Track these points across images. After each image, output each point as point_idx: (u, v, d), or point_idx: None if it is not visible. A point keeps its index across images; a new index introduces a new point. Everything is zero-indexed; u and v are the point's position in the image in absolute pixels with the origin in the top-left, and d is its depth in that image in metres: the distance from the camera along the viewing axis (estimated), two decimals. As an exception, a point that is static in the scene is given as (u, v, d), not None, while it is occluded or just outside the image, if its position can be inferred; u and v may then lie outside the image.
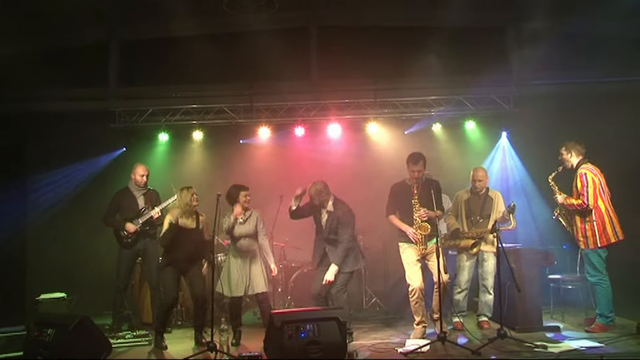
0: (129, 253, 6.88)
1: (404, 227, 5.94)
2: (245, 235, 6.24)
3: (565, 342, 5.39)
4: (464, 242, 6.53)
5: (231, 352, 5.40)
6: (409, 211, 5.93)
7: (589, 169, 6.07)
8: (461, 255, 6.60)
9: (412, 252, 5.95)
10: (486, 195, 6.68)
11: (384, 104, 8.62)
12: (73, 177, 8.47)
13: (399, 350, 5.33)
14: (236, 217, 6.14)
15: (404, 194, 6.00)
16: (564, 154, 6.24)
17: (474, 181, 6.64)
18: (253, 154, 8.97)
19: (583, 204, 5.94)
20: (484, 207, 6.63)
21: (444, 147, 8.82)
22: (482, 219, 6.60)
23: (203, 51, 8.04)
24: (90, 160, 8.55)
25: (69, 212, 8.28)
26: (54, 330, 5.10)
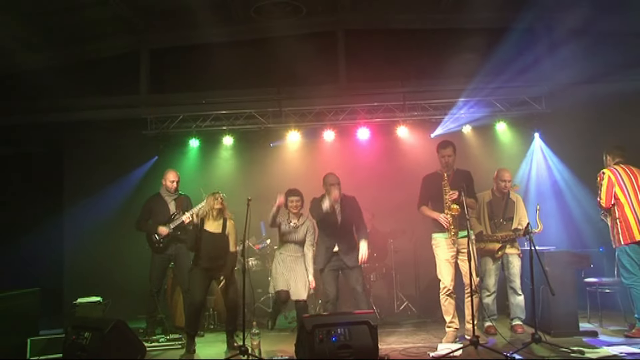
0: (161, 258, 6.98)
1: (435, 215, 5.92)
2: (293, 241, 6.32)
3: (603, 347, 5.26)
4: (490, 245, 6.45)
5: (262, 356, 5.42)
6: (440, 200, 5.90)
7: (610, 168, 6.08)
8: (486, 258, 6.52)
9: (445, 247, 5.91)
10: (508, 198, 6.63)
11: (413, 106, 8.58)
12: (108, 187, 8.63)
13: (431, 355, 5.29)
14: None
15: (435, 183, 5.99)
16: (604, 157, 6.30)
17: (501, 181, 6.58)
18: (283, 158, 9.00)
19: (598, 204, 6.04)
20: (506, 210, 6.58)
21: (475, 149, 8.71)
22: (505, 222, 6.55)
23: (231, 57, 8.13)
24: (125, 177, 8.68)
25: (103, 218, 8.42)
26: (90, 334, 5.21)
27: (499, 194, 6.64)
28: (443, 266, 5.93)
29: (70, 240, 8.66)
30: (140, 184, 8.63)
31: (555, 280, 5.83)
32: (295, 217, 6.35)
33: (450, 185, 5.87)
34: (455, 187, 5.80)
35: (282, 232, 6.34)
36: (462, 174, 6.04)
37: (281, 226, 6.35)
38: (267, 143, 9.01)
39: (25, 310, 6.10)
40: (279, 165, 8.92)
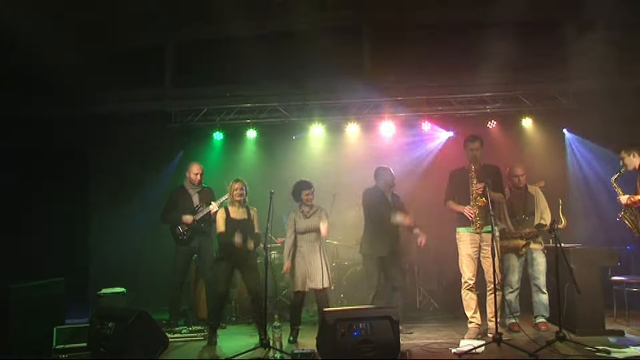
0: (185, 250, 7.04)
1: (460, 208, 5.92)
2: (309, 230, 6.33)
3: (630, 347, 5.15)
4: (513, 242, 6.37)
5: (284, 350, 5.44)
6: (466, 195, 5.88)
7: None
8: (509, 254, 6.44)
9: (469, 242, 5.89)
10: (526, 192, 6.55)
11: (438, 101, 8.50)
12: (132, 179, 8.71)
13: (453, 351, 5.25)
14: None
15: (462, 178, 5.98)
16: (625, 156, 6.10)
17: (514, 177, 6.54)
18: (306, 152, 9.00)
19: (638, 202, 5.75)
20: (526, 205, 6.50)
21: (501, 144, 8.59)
22: (527, 217, 6.47)
23: (256, 51, 8.11)
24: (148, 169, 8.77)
25: (127, 211, 8.52)
26: (114, 324, 5.28)
27: (515, 189, 6.56)
28: (465, 260, 5.91)
29: (96, 233, 8.79)
30: (165, 176, 8.72)
31: (581, 278, 5.75)
32: (308, 207, 6.38)
33: (477, 179, 5.83)
34: (481, 181, 5.76)
35: (298, 224, 6.37)
36: (489, 169, 6.02)
37: (296, 223, 6.37)
38: (291, 136, 9.02)
39: (51, 300, 6.20)
40: (302, 158, 8.92)
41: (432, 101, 8.46)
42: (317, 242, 6.37)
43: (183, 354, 5.74)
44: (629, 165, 6.09)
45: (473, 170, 5.89)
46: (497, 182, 5.99)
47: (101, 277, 7.78)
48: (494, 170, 6.06)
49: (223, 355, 5.43)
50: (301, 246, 6.37)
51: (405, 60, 8.32)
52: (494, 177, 5.92)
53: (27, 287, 5.93)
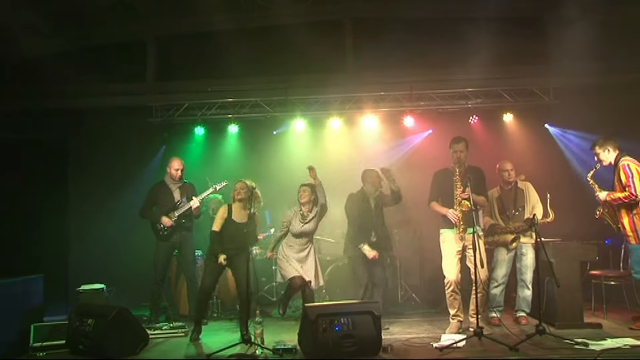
0: (165, 246, 6.98)
1: (444, 210, 5.90)
2: (303, 234, 6.40)
3: (608, 340, 5.22)
4: (502, 237, 6.41)
5: (265, 345, 5.42)
6: (450, 197, 5.87)
7: (630, 160, 5.87)
8: (498, 250, 6.48)
9: (452, 243, 5.89)
10: (516, 188, 6.59)
11: (420, 96, 8.52)
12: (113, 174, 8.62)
13: (435, 345, 5.27)
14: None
15: (446, 180, 5.96)
16: (600, 152, 6.03)
17: (503, 171, 6.57)
18: (289, 147, 8.97)
19: (631, 196, 5.71)
20: (516, 200, 6.54)
21: (482, 140, 8.64)
22: (516, 212, 6.51)
23: (238, 45, 8.08)
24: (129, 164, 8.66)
25: (109, 205, 8.43)
26: (94, 321, 5.25)
27: (506, 185, 6.61)
28: (449, 262, 5.91)
29: (75, 228, 8.67)
30: (146, 171, 8.63)
31: (561, 272, 5.81)
32: (307, 208, 6.41)
33: (461, 181, 5.83)
34: (465, 183, 5.75)
35: (293, 227, 6.38)
36: (473, 171, 5.96)
37: (292, 223, 6.38)
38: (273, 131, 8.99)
39: (29, 297, 6.11)
40: (284, 154, 8.88)
41: (414, 96, 8.47)
42: (308, 245, 6.48)
43: (164, 351, 5.69)
44: (604, 161, 6.02)
45: (457, 173, 5.87)
46: (481, 185, 5.97)
47: (81, 273, 7.67)
48: (478, 173, 6.02)
49: (205, 351, 5.40)
50: (291, 245, 6.41)
51: (387, 56, 8.32)
52: (477, 180, 5.89)
53: (4, 284, 5.83)
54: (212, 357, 5.17)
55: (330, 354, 4.81)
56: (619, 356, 4.83)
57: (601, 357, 4.75)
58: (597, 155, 6.08)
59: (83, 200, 8.62)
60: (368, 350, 4.96)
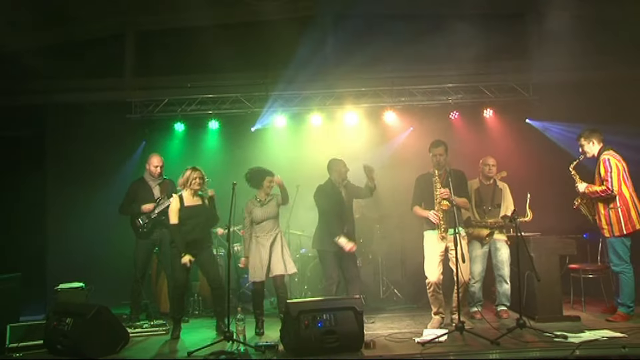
0: (145, 243, 6.91)
1: (426, 213, 5.93)
2: (266, 218, 6.27)
3: (586, 332, 5.29)
4: (477, 231, 6.45)
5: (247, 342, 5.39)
6: (432, 200, 5.92)
7: (612, 154, 5.96)
8: (473, 245, 6.50)
9: (435, 244, 5.91)
10: (495, 185, 6.66)
11: (401, 92, 8.53)
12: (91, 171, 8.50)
13: (417, 340, 5.28)
14: None
15: (427, 183, 6.01)
16: (585, 144, 6.11)
17: (484, 165, 6.62)
18: (270, 143, 8.92)
19: (607, 190, 5.82)
20: (494, 197, 6.61)
21: (463, 135, 8.69)
22: (492, 209, 6.57)
23: (218, 40, 8.00)
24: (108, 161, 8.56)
25: (88, 203, 8.32)
26: (72, 320, 5.18)
27: (486, 180, 6.66)
28: (431, 262, 5.93)
29: (53, 225, 8.55)
30: (126, 168, 8.54)
31: (541, 266, 5.88)
32: (263, 195, 6.33)
33: (441, 183, 5.87)
34: (445, 185, 5.81)
35: (254, 214, 6.30)
36: (455, 174, 5.99)
37: (253, 211, 6.32)
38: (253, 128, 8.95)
39: (5, 296, 6.01)
40: (265, 149, 8.83)
41: (395, 92, 8.49)
42: (274, 231, 6.34)
43: (145, 349, 5.63)
44: (588, 153, 6.11)
45: (437, 175, 5.92)
46: (462, 187, 6.01)
47: (59, 272, 7.57)
48: (459, 175, 6.06)
49: (186, 349, 5.35)
50: (258, 236, 6.31)
51: (368, 51, 8.31)
52: (458, 182, 5.93)
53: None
54: (194, 354, 5.13)
55: (313, 351, 4.81)
56: (597, 347, 4.90)
57: (580, 349, 4.82)
58: (582, 147, 6.15)
59: (61, 197, 8.51)
60: (351, 346, 4.96)
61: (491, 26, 8.05)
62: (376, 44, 8.34)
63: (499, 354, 4.90)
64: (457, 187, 5.80)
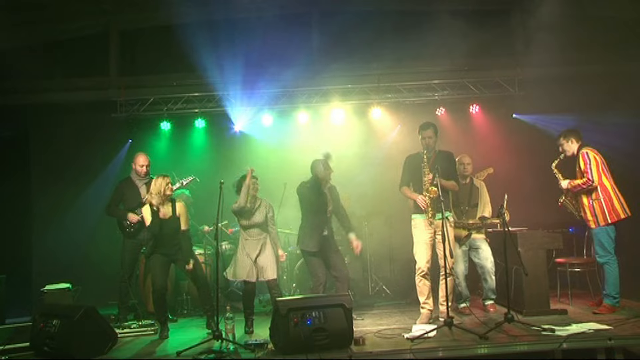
0: (132, 243, 6.86)
1: (414, 196, 5.91)
2: (253, 225, 6.23)
3: (572, 325, 5.34)
4: (456, 231, 6.36)
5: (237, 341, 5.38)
6: (421, 181, 5.90)
7: (590, 149, 6.13)
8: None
9: (423, 228, 5.91)
10: (472, 184, 6.69)
11: (387, 88, 8.55)
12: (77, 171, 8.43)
13: (406, 336, 5.29)
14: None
15: (417, 164, 5.97)
16: (564, 143, 6.27)
17: (459, 164, 6.61)
18: (256, 141, 8.90)
19: (588, 181, 5.96)
20: (471, 196, 6.64)
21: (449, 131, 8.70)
22: (469, 208, 6.59)
23: (203, 38, 7.96)
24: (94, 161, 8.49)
25: (73, 203, 8.26)
26: (59, 321, 5.12)
27: (462, 179, 6.64)
28: (419, 247, 5.93)
29: (38, 226, 8.47)
30: (112, 167, 8.48)
31: (528, 261, 5.92)
32: (253, 199, 6.27)
33: (429, 167, 5.85)
34: (433, 167, 5.77)
35: (243, 217, 6.24)
36: (443, 155, 6.00)
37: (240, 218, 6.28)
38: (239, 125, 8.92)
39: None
40: (252, 147, 8.81)
41: (381, 89, 8.50)
42: (262, 236, 6.28)
43: (133, 349, 5.59)
44: (568, 151, 6.26)
45: (425, 160, 5.89)
46: (451, 169, 6.01)
47: (45, 273, 7.50)
48: (448, 157, 6.06)
49: (175, 348, 5.32)
50: (246, 239, 6.28)
51: (355, 48, 8.33)
52: (447, 164, 5.93)
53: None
54: (183, 354, 5.11)
55: (303, 348, 4.80)
56: (583, 339, 4.95)
57: (566, 342, 4.86)
58: (562, 146, 6.31)
59: (46, 198, 8.44)
60: (340, 343, 4.96)
61: (476, 22, 8.10)
62: (362, 40, 8.36)
63: (488, 348, 4.93)
64: (445, 169, 5.79)
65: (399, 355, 4.89)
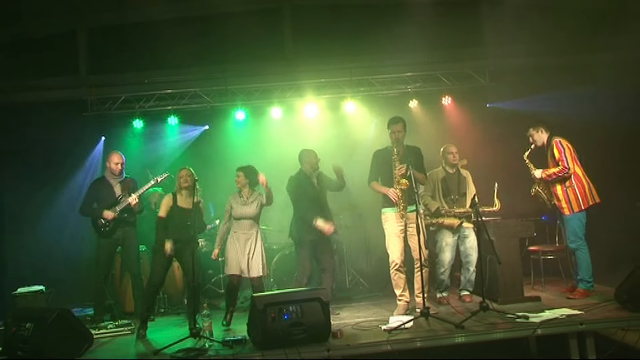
0: (107, 242, 6.77)
1: (385, 190, 5.96)
2: (244, 216, 6.24)
3: (546, 311, 5.44)
4: (448, 220, 6.50)
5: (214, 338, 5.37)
6: (390, 176, 5.95)
7: (561, 137, 6.26)
8: (444, 234, 6.54)
9: (394, 221, 5.95)
10: (459, 173, 6.74)
11: (360, 82, 8.57)
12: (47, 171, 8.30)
13: (383, 328, 5.34)
14: None
15: (386, 159, 6.03)
16: (534, 133, 6.40)
17: (448, 154, 6.67)
18: (230, 137, 8.86)
19: (564, 169, 6.07)
20: (460, 186, 6.68)
21: (422, 123, 8.77)
22: (459, 197, 6.64)
23: (175, 35, 7.89)
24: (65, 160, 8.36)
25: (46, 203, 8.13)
26: (32, 325, 5.05)
27: (450, 169, 6.71)
28: (392, 241, 5.97)
29: (9, 228, 8.31)
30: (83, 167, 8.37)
31: (501, 250, 5.99)
32: (246, 192, 6.31)
33: (399, 161, 5.90)
34: (404, 162, 5.83)
35: (234, 210, 6.28)
36: (411, 150, 6.07)
37: (233, 207, 6.29)
38: (214, 123, 8.87)
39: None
40: (226, 144, 8.77)
41: (354, 82, 8.52)
42: (253, 230, 6.30)
43: (110, 350, 5.55)
44: (538, 142, 6.39)
45: (395, 153, 5.94)
46: (419, 163, 6.07)
47: (17, 276, 7.39)
48: (416, 151, 6.13)
49: (152, 348, 5.29)
50: (236, 231, 6.28)
51: (327, 42, 8.33)
52: (416, 157, 6.01)
53: None
54: (161, 353, 5.08)
55: (281, 343, 4.81)
56: (556, 325, 5.06)
57: (540, 328, 4.96)
58: (532, 137, 6.44)
59: (17, 199, 8.27)
60: (318, 337, 4.98)
61: (446, 14, 8.15)
62: (334, 34, 8.36)
63: (464, 337, 5.01)
64: (415, 162, 5.85)
65: (377, 347, 4.95)
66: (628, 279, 5.44)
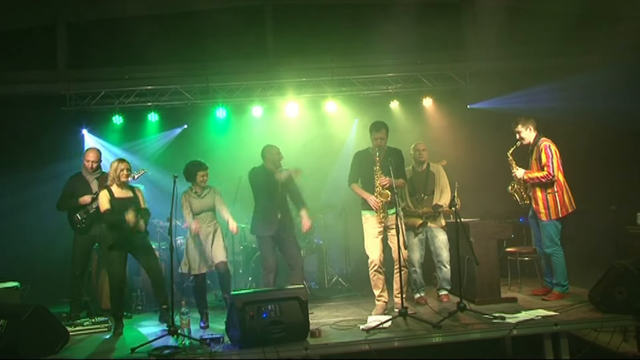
0: (84, 239, 6.70)
1: (366, 195, 5.95)
2: (205, 209, 6.21)
3: (522, 312, 5.50)
4: (411, 220, 6.50)
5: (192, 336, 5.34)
6: (371, 179, 5.94)
7: (550, 141, 6.15)
8: (408, 234, 6.45)
9: (374, 223, 5.95)
10: (428, 171, 6.72)
11: (342, 82, 8.59)
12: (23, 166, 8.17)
13: (361, 327, 5.35)
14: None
15: (367, 162, 6.01)
16: (523, 130, 6.23)
17: (415, 151, 6.69)
18: (211, 135, 8.82)
19: (549, 175, 6.00)
20: (427, 184, 6.67)
21: (403, 124, 8.82)
22: (426, 196, 6.65)
23: (156, 31, 7.86)
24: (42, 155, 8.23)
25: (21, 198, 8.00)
26: (6, 321, 4.96)
27: (418, 167, 6.72)
28: (370, 242, 5.98)
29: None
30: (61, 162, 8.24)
31: (480, 251, 6.05)
32: (199, 188, 6.27)
33: (381, 166, 5.89)
34: (385, 167, 5.81)
35: (193, 205, 6.23)
36: (392, 153, 6.02)
37: (191, 203, 6.24)
38: (194, 120, 8.82)
39: None
40: (206, 141, 8.73)
41: (336, 82, 8.54)
42: (213, 221, 6.29)
43: (86, 347, 5.48)
44: (525, 139, 6.24)
45: (378, 161, 5.90)
46: (400, 168, 6.06)
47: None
48: (397, 154, 6.09)
49: (129, 345, 5.24)
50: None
51: (308, 42, 8.35)
52: (399, 161, 6.00)
53: None
54: (137, 350, 5.04)
55: (259, 341, 4.80)
56: (532, 325, 5.12)
57: (516, 328, 5.02)
58: (519, 133, 6.26)
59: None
60: (296, 335, 4.97)
61: (428, 16, 8.21)
62: (316, 34, 8.38)
63: (441, 337, 5.04)
64: (396, 168, 5.83)
65: (355, 346, 4.96)
66: (602, 280, 5.50)
